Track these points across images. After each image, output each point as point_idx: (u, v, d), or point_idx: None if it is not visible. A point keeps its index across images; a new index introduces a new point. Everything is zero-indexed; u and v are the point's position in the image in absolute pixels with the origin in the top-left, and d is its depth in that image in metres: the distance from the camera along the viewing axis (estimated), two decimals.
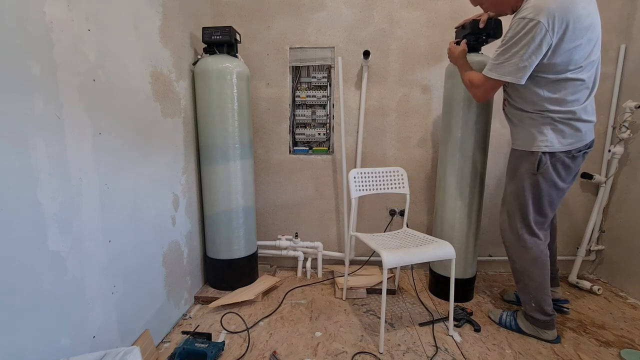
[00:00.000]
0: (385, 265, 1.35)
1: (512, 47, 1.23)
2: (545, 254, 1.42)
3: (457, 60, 1.53)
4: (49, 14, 0.90)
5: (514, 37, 1.21)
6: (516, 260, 1.47)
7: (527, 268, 1.43)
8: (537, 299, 1.43)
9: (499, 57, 1.27)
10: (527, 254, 1.42)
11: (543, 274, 1.41)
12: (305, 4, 1.99)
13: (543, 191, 1.35)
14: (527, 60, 1.21)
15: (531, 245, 1.41)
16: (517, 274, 1.49)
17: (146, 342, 1.29)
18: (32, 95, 0.85)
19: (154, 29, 1.40)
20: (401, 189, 1.81)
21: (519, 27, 1.20)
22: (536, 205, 1.39)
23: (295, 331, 1.55)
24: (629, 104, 1.82)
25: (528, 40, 1.18)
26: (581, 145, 1.30)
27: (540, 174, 1.33)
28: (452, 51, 1.56)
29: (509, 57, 1.24)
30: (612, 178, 1.95)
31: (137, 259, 1.30)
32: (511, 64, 1.24)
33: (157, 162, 1.43)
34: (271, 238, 2.18)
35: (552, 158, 1.31)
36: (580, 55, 1.22)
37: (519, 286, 1.50)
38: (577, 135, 1.29)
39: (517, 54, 1.22)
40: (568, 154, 1.30)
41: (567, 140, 1.29)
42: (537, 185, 1.35)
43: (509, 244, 1.48)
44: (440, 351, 1.41)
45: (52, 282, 0.91)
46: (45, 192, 0.89)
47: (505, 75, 1.27)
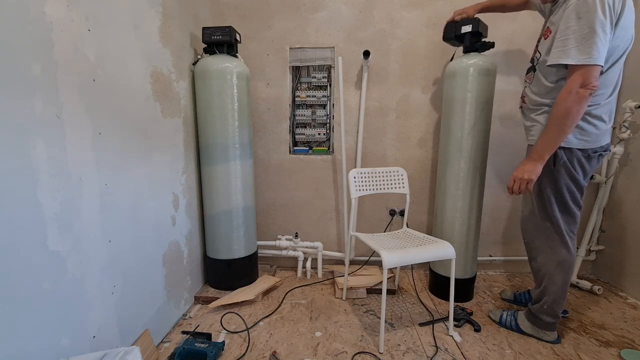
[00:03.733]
0: (385, 265, 1.35)
1: (583, 28, 1.12)
2: (572, 258, 1.36)
3: (535, 162, 1.27)
4: (49, 14, 0.90)
5: (579, 19, 1.11)
6: (539, 260, 1.41)
7: (550, 271, 1.37)
8: (553, 301, 1.39)
9: (576, 39, 1.14)
10: (553, 257, 1.36)
11: (566, 278, 1.36)
12: (305, 4, 1.99)
13: (563, 187, 1.30)
14: (600, 39, 1.10)
15: (560, 249, 1.35)
16: (538, 275, 1.44)
17: (146, 342, 1.29)
18: (32, 95, 0.85)
19: (154, 29, 1.40)
20: (401, 189, 1.81)
21: (586, 6, 1.10)
22: (560, 204, 1.33)
23: (295, 331, 1.55)
24: (629, 104, 1.81)
25: (597, 18, 1.09)
26: (597, 146, 1.27)
27: (556, 170, 1.30)
28: (524, 170, 1.29)
29: (583, 39, 1.13)
30: (612, 178, 1.95)
31: (137, 259, 1.30)
32: (587, 45, 1.12)
33: (157, 162, 1.43)
34: (271, 238, 2.18)
35: (569, 154, 1.27)
36: (620, 48, 1.18)
37: (537, 285, 1.46)
38: (594, 134, 1.25)
39: (588, 34, 1.11)
40: (584, 153, 1.27)
41: (584, 138, 1.25)
42: (555, 180, 1.31)
43: (533, 246, 1.43)
44: (440, 351, 1.41)
45: (52, 282, 0.91)
46: (45, 192, 0.89)
47: (591, 59, 1.12)
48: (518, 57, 1.94)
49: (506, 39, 1.93)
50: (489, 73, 1.61)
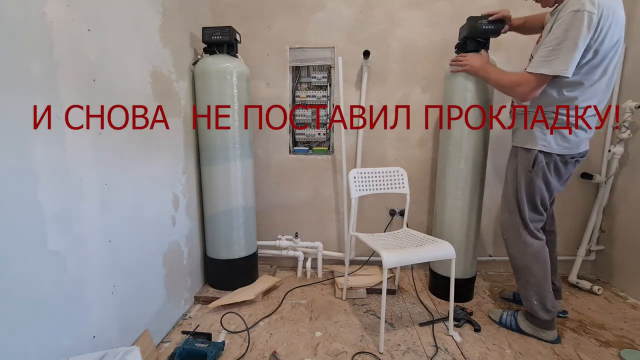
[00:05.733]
0: (385, 265, 1.35)
1: (563, 41, 1.19)
2: (545, 250, 1.44)
3: (485, 67, 1.49)
4: (49, 14, 0.90)
5: (566, 31, 1.18)
6: (517, 256, 1.48)
7: (528, 264, 1.44)
8: (539, 294, 1.43)
9: (549, 52, 1.23)
10: (527, 250, 1.44)
11: (544, 269, 1.43)
12: (305, 4, 1.99)
13: (536, 189, 1.39)
14: (579, 51, 1.19)
15: (531, 241, 1.43)
16: (518, 271, 1.50)
17: (146, 342, 1.29)
18: (32, 95, 0.85)
19: (154, 29, 1.40)
20: (401, 189, 1.81)
21: (570, 20, 1.17)
22: (531, 203, 1.42)
23: (295, 331, 1.55)
24: (629, 104, 1.81)
25: (581, 33, 1.16)
26: (575, 153, 1.35)
27: (534, 172, 1.37)
28: (471, 62, 1.54)
29: (560, 51, 1.21)
30: (612, 178, 1.95)
31: (137, 259, 1.30)
32: (562, 59, 1.21)
33: (157, 162, 1.43)
34: (271, 238, 2.17)
35: (547, 158, 1.35)
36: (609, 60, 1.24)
37: (520, 283, 1.51)
38: (574, 141, 1.33)
39: (569, 47, 1.19)
40: (562, 158, 1.35)
41: (564, 145, 1.33)
42: (531, 182, 1.39)
43: (510, 241, 1.50)
44: (440, 351, 1.41)
45: (52, 282, 0.91)
46: (45, 192, 0.89)
47: (557, 70, 1.23)
48: (518, 57, 1.94)
49: (506, 39, 1.93)
50: None
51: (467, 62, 1.56)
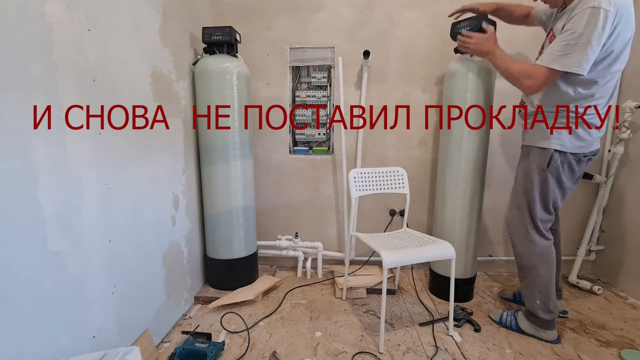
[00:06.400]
0: (385, 265, 1.35)
1: (578, 37, 1.18)
2: (552, 251, 1.44)
3: (494, 51, 1.40)
4: (49, 14, 0.90)
5: (581, 27, 1.17)
6: (523, 255, 1.47)
7: (534, 263, 1.44)
8: (543, 294, 1.43)
9: (563, 47, 1.21)
10: (535, 249, 1.43)
11: (549, 270, 1.43)
12: (305, 4, 1.99)
13: (549, 188, 1.38)
14: (593, 50, 1.17)
15: (539, 241, 1.43)
16: (523, 270, 1.50)
17: (146, 342, 1.29)
18: (32, 95, 0.85)
19: (154, 29, 1.40)
20: (401, 189, 1.81)
21: (586, 16, 1.16)
22: (543, 202, 1.41)
23: (295, 331, 1.55)
24: (629, 104, 1.81)
25: (596, 30, 1.15)
26: (588, 152, 1.35)
27: (549, 171, 1.36)
28: (477, 41, 1.45)
29: (574, 47, 1.19)
30: (612, 178, 1.95)
31: (137, 259, 1.30)
32: (574, 55, 1.19)
33: (157, 162, 1.43)
34: (271, 238, 2.17)
35: (562, 157, 1.35)
36: (622, 58, 1.24)
37: (524, 282, 1.50)
38: (588, 140, 1.33)
39: (584, 44, 1.17)
40: (575, 157, 1.35)
41: (578, 144, 1.33)
42: (545, 181, 1.38)
43: (517, 239, 1.49)
44: (440, 351, 1.41)
45: (52, 282, 0.91)
46: (45, 192, 0.89)
47: (569, 66, 1.21)
48: (518, 58, 1.94)
49: (506, 40, 1.93)
50: (489, 73, 1.61)
51: (474, 45, 1.47)
